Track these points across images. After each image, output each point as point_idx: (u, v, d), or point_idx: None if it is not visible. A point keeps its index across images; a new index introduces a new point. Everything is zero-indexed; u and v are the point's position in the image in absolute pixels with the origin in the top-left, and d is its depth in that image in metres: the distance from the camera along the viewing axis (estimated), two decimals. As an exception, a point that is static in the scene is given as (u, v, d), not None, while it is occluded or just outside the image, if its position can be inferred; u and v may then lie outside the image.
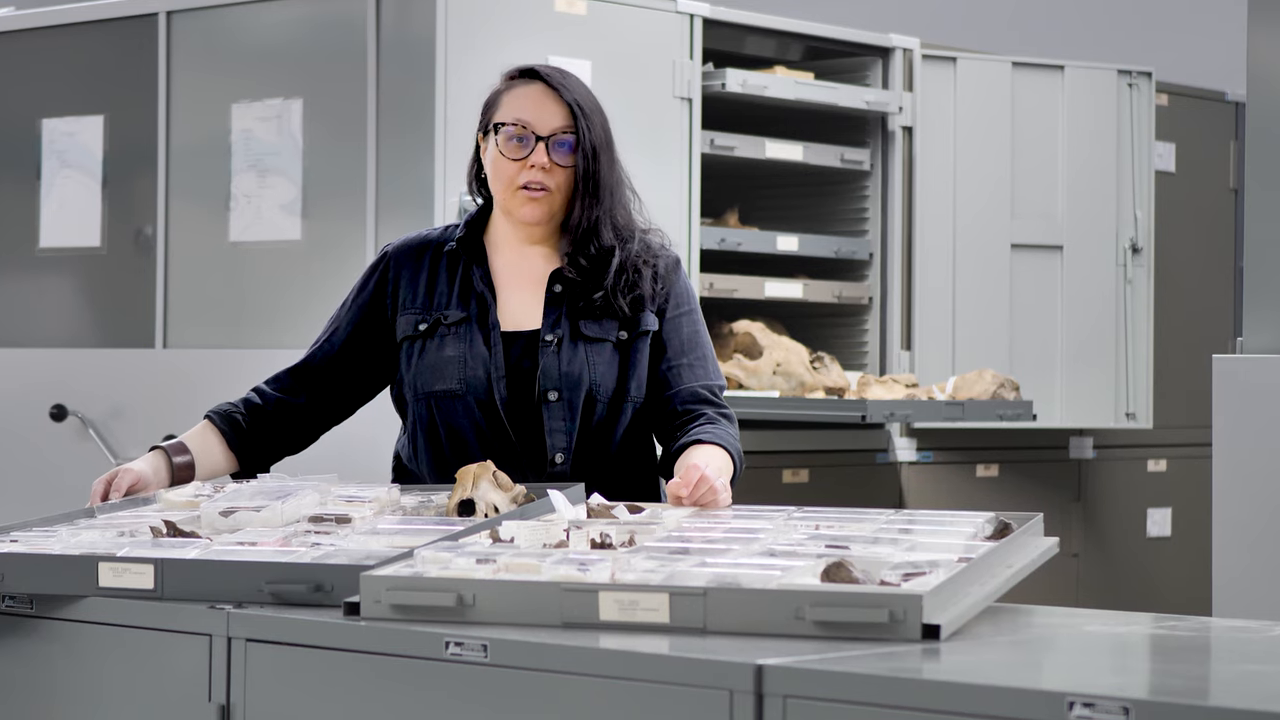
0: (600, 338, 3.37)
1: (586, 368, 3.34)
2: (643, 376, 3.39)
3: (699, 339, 3.45)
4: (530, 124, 3.32)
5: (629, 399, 3.38)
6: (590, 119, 3.34)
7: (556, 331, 3.35)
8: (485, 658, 2.40)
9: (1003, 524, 2.90)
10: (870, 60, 5.94)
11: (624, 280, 3.37)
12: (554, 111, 3.33)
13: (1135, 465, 6.49)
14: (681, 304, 3.44)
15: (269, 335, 5.12)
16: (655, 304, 3.40)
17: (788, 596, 2.39)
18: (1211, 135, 6.74)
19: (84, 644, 2.76)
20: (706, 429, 3.34)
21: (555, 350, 3.35)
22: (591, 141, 3.33)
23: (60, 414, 5.44)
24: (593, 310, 3.36)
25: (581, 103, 3.35)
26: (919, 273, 5.95)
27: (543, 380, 3.33)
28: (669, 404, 3.40)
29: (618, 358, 3.37)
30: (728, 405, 3.43)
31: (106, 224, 5.51)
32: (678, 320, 3.43)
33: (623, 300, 3.37)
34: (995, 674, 2.20)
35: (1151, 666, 2.40)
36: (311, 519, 2.96)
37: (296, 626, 2.57)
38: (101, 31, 5.54)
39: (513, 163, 3.32)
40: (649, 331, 3.39)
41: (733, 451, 3.32)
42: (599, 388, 3.35)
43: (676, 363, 3.41)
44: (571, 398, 3.33)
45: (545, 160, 3.32)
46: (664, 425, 3.41)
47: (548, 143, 3.32)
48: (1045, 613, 2.72)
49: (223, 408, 3.44)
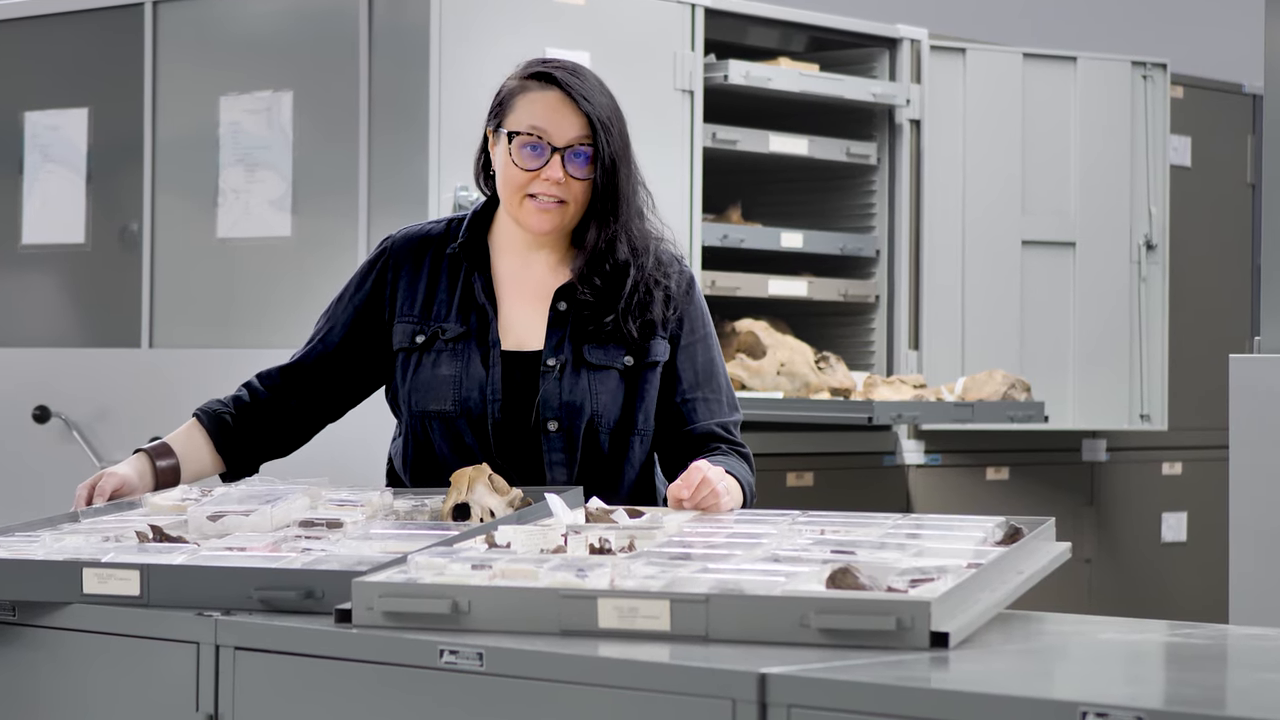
0: (605, 365, 3.31)
1: (589, 397, 3.30)
2: (651, 408, 3.35)
3: (714, 368, 3.40)
4: (546, 134, 3.26)
5: (636, 431, 3.34)
6: (609, 129, 3.26)
7: (559, 356, 3.31)
8: (481, 666, 2.40)
9: (1013, 528, 2.90)
10: (877, 51, 5.95)
11: (635, 301, 3.31)
12: (571, 122, 3.26)
13: (1150, 468, 6.49)
14: (696, 329, 3.39)
15: (258, 335, 5.12)
16: (667, 330, 3.35)
17: (792, 603, 2.39)
18: (1228, 128, 6.74)
19: (68, 652, 2.76)
20: (719, 458, 3.29)
21: (557, 377, 3.30)
22: (611, 155, 3.26)
23: (43, 415, 5.44)
24: (599, 334, 3.31)
25: (600, 113, 3.26)
26: (927, 270, 5.95)
27: (543, 409, 3.29)
28: (682, 441, 3.36)
29: (623, 387, 3.33)
30: (745, 444, 3.39)
31: (91, 220, 5.51)
32: (692, 348, 3.38)
33: (632, 325, 3.31)
34: (1005, 683, 2.21)
35: (1166, 676, 2.41)
36: (302, 523, 2.96)
37: (286, 634, 2.57)
38: (85, 22, 5.54)
39: (525, 173, 3.26)
40: (658, 363, 3.34)
41: (743, 483, 3.28)
42: (601, 418, 3.30)
43: (691, 396, 3.36)
44: (572, 427, 3.29)
45: (560, 174, 3.25)
46: (674, 461, 3.37)
47: (564, 154, 3.25)
48: (1057, 620, 2.72)
49: (210, 406, 3.43)
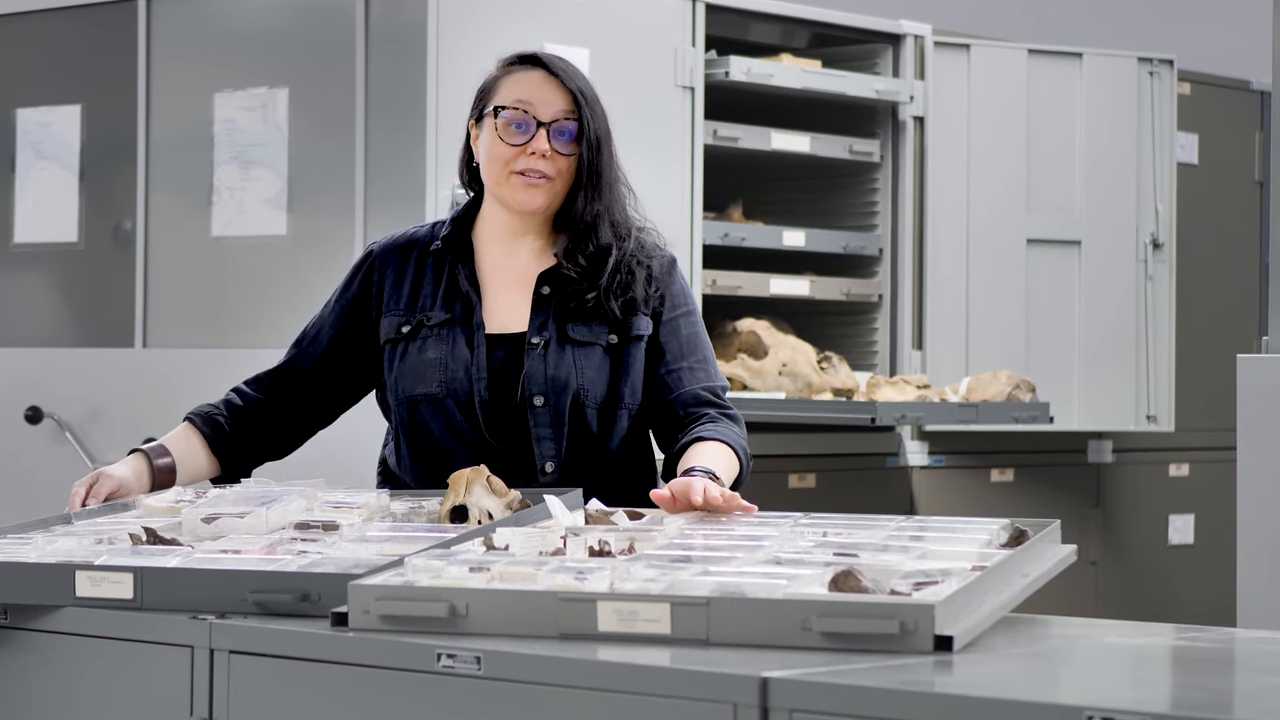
0: (589, 341, 3.36)
1: (574, 372, 3.34)
2: (637, 382, 3.39)
3: (698, 341, 3.45)
4: (532, 107, 3.32)
5: (623, 405, 3.38)
6: (593, 108, 3.35)
7: (543, 334, 3.35)
8: (479, 670, 2.40)
9: (1018, 531, 2.90)
10: (880, 47, 5.95)
11: (617, 281, 3.37)
12: (556, 97, 3.34)
13: (1156, 470, 6.49)
14: (678, 305, 3.44)
15: (253, 334, 5.13)
16: (649, 307, 3.40)
17: (794, 606, 2.39)
18: (1236, 125, 6.75)
19: (60, 656, 2.76)
20: (708, 427, 3.34)
21: (541, 353, 3.34)
22: (596, 130, 3.33)
23: (36, 416, 5.44)
24: (582, 313, 3.36)
25: (584, 91, 3.36)
26: (931, 269, 5.95)
27: (528, 384, 3.33)
28: (670, 409, 3.40)
29: (608, 362, 3.37)
30: (732, 406, 3.43)
31: (84, 218, 5.51)
32: (675, 322, 3.43)
33: (614, 303, 3.36)
34: (1010, 687, 2.20)
35: (1173, 679, 2.41)
36: (297, 526, 2.96)
37: (282, 638, 2.57)
38: (78, 17, 5.54)
39: (511, 148, 3.32)
40: (642, 336, 3.39)
41: (738, 449, 3.31)
42: (586, 393, 3.34)
43: (676, 366, 3.41)
44: (558, 403, 3.33)
45: (546, 147, 3.31)
46: (666, 431, 3.41)
47: (549, 129, 3.32)
48: (1062, 623, 2.72)
49: (203, 409, 3.44)
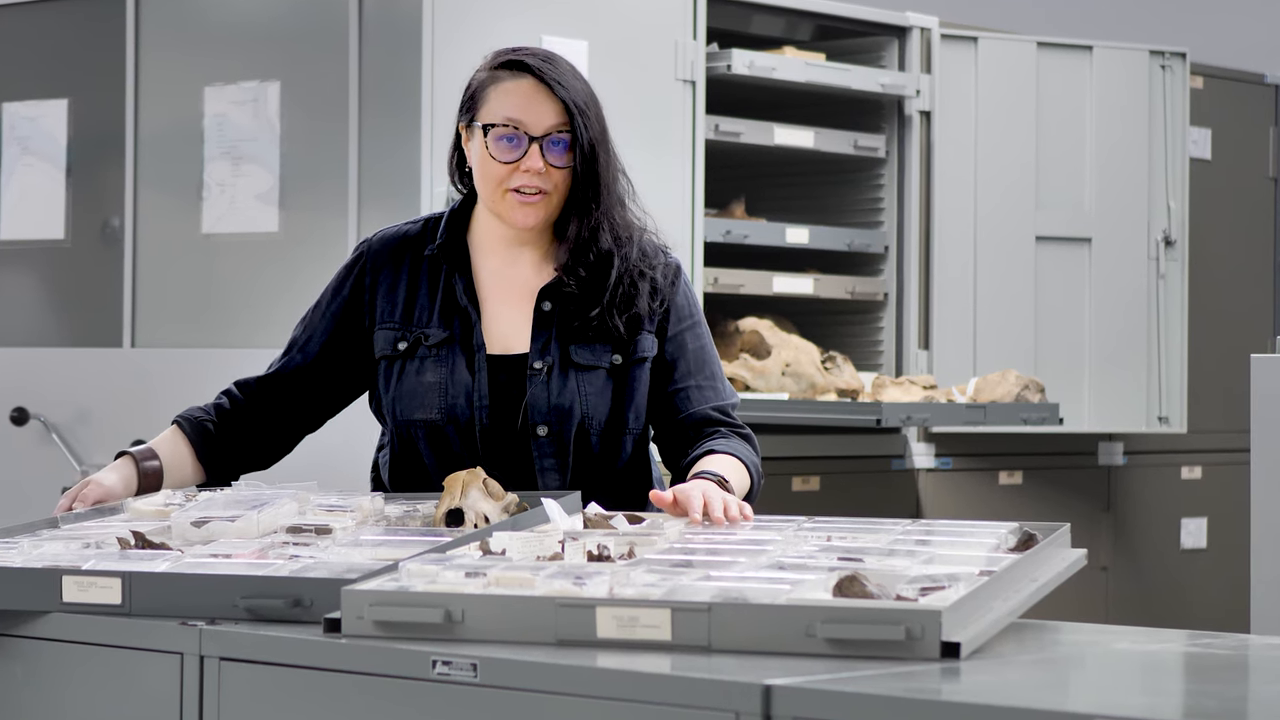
0: (593, 365, 3.33)
1: (578, 399, 3.31)
2: (642, 405, 3.37)
3: (705, 355, 3.41)
4: (522, 124, 3.27)
5: (627, 430, 3.35)
6: (586, 115, 3.28)
7: (546, 358, 3.32)
8: (475, 678, 2.40)
9: (1027, 535, 2.90)
10: (885, 40, 5.95)
11: (620, 295, 3.33)
12: (547, 109, 3.27)
13: (1168, 472, 6.49)
14: (684, 317, 3.40)
15: (244, 334, 5.13)
16: (653, 322, 3.37)
17: (797, 612, 2.39)
18: (1250, 120, 6.75)
19: (46, 663, 2.76)
20: (720, 442, 3.31)
21: (545, 380, 3.31)
22: (589, 140, 3.28)
23: (21, 417, 5.44)
24: (585, 332, 3.33)
25: (576, 98, 3.28)
26: (937, 267, 5.95)
27: (531, 413, 3.30)
28: (679, 428, 3.37)
29: (611, 386, 3.34)
30: (745, 425, 3.40)
31: (71, 215, 5.51)
32: (681, 336, 3.39)
33: (618, 319, 3.33)
34: (1019, 695, 2.21)
35: (1185, 687, 2.41)
36: (289, 529, 2.96)
37: (273, 644, 2.57)
38: (65, 9, 5.54)
39: (503, 166, 3.27)
40: (646, 359, 3.36)
41: (749, 465, 3.29)
42: (591, 420, 3.32)
43: (684, 384, 3.38)
44: (562, 431, 3.31)
45: (540, 164, 3.26)
46: (674, 451, 3.39)
47: (542, 144, 3.27)
48: (1072, 629, 2.72)
49: (192, 413, 3.43)
